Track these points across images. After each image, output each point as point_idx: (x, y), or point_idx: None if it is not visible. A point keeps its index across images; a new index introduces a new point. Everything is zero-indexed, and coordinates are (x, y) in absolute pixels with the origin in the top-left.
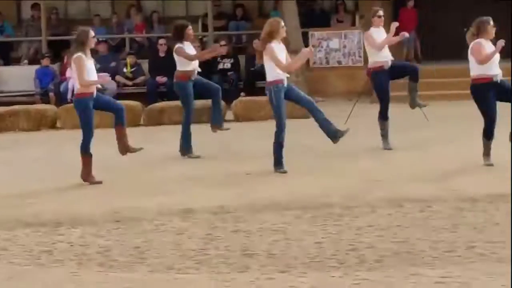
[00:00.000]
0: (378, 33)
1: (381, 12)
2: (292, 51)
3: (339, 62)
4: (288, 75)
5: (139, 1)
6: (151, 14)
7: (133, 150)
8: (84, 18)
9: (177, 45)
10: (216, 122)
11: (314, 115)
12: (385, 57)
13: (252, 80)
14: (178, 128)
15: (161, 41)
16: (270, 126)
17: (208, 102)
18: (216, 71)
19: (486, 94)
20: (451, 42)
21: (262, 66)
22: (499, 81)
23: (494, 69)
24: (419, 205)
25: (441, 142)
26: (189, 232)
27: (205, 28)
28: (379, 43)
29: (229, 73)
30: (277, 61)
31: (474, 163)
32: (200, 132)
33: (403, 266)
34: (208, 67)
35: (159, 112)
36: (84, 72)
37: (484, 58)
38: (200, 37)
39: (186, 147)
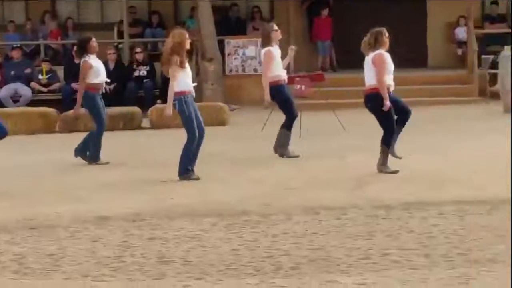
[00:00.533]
0: (276, 51)
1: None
2: (208, 59)
3: (255, 70)
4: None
5: (54, 7)
6: (66, 20)
7: None
8: None
9: (82, 59)
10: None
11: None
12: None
13: (168, 87)
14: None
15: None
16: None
17: (124, 109)
18: (132, 78)
19: (382, 104)
20: None
21: None
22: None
23: (390, 80)
24: (334, 213)
25: (356, 150)
26: (104, 240)
27: (120, 35)
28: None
29: (145, 80)
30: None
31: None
32: (114, 139)
33: (319, 273)
34: (123, 74)
35: (74, 119)
36: None
37: (384, 69)
38: (115, 44)
39: (95, 155)
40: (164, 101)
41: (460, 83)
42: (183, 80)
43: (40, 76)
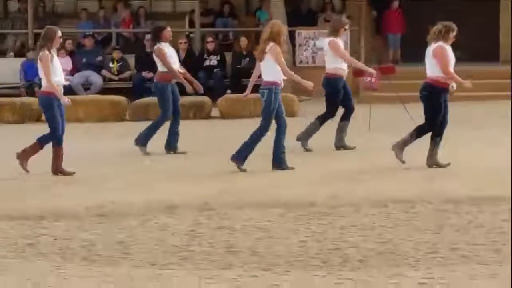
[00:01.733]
0: (341, 44)
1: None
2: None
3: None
4: None
5: None
6: (138, 10)
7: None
8: (71, 12)
9: (156, 46)
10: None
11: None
12: (345, 68)
13: (238, 77)
14: (164, 124)
15: (148, 36)
16: (256, 123)
17: (194, 98)
18: (202, 67)
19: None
20: None
21: (250, 63)
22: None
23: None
24: (402, 206)
25: (425, 143)
26: (172, 228)
27: (192, 24)
28: (348, 57)
29: (215, 70)
30: (282, 64)
31: (461, 165)
32: (184, 128)
33: (387, 267)
34: (194, 63)
35: (145, 108)
36: (49, 72)
37: (447, 61)
38: (187, 33)
39: (144, 140)
40: (234, 91)
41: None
42: (277, 70)
43: (111, 64)
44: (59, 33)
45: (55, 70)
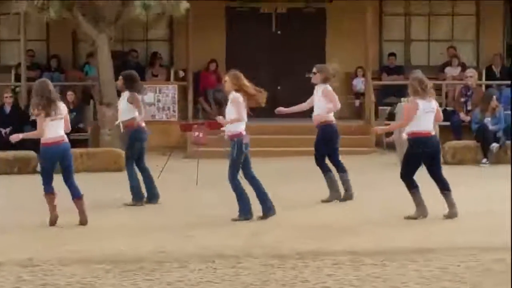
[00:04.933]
0: None
1: None
2: (107, 104)
3: (153, 116)
4: None
5: None
6: None
7: None
8: None
9: None
10: None
11: None
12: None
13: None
14: None
15: None
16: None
17: (20, 153)
18: (29, 121)
19: None
20: None
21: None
22: None
23: None
24: (230, 261)
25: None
26: None
27: (18, 78)
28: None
29: None
30: (241, 114)
31: (278, 219)
32: (9, 182)
33: None
34: (21, 117)
35: None
36: None
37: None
38: (13, 87)
39: None
40: None
41: (358, 134)
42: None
43: None
44: None
45: None
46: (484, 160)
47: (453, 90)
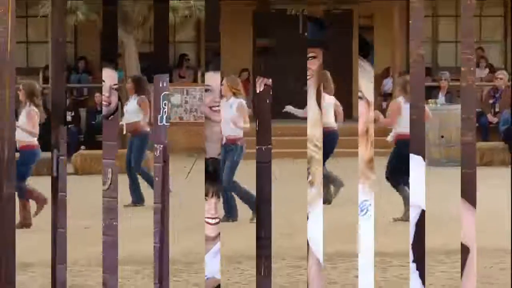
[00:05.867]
0: None
1: None
2: None
3: (181, 118)
4: None
5: None
6: None
7: None
8: None
9: None
10: None
11: None
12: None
13: (92, 133)
14: None
15: None
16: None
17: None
18: None
19: None
20: None
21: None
22: None
23: None
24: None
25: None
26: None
27: (46, 80)
28: None
29: (69, 126)
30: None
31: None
32: (38, 184)
33: None
34: (49, 119)
35: None
36: None
37: None
38: (40, 89)
39: None
40: (88, 147)
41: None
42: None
43: None
44: None
45: None
46: None
47: (481, 91)
